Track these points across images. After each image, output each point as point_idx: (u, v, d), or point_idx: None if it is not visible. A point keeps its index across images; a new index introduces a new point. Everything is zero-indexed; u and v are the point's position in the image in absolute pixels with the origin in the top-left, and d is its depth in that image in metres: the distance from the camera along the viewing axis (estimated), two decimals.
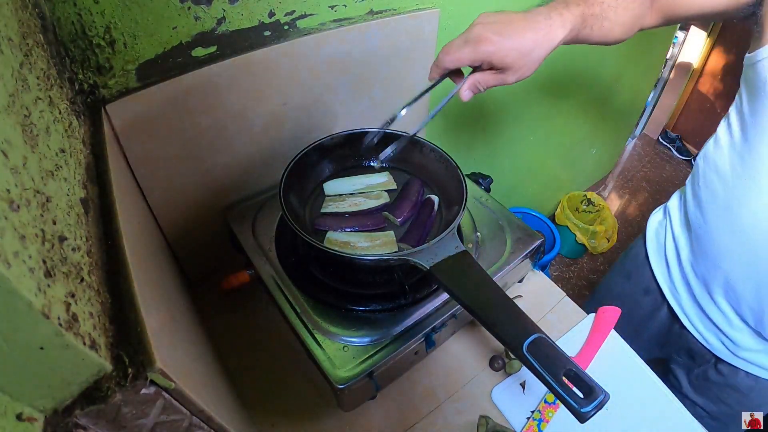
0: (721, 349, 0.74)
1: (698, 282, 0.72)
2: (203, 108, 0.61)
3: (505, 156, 1.38)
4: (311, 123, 0.74)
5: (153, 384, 0.26)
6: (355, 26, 0.68)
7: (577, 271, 1.98)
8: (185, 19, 0.55)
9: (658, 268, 0.81)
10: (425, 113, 0.89)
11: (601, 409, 0.38)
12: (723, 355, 0.74)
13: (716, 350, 0.75)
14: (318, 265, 0.63)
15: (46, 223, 0.25)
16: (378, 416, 0.66)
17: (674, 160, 2.60)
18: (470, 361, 0.72)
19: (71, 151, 0.37)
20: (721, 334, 0.72)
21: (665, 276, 0.80)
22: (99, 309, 0.28)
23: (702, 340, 0.76)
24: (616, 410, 0.66)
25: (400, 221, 0.64)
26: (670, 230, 0.78)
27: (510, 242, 0.68)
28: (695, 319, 0.76)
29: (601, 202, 1.96)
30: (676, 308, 0.79)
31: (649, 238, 0.84)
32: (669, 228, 0.79)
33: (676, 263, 0.77)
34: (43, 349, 0.21)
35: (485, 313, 0.45)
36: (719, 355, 0.74)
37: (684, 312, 0.78)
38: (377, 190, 0.68)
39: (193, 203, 0.70)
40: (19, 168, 0.24)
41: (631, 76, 1.64)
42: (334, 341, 0.55)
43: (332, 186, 0.68)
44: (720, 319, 0.71)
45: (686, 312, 0.77)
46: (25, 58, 0.32)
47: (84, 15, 0.48)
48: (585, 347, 0.73)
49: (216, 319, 0.74)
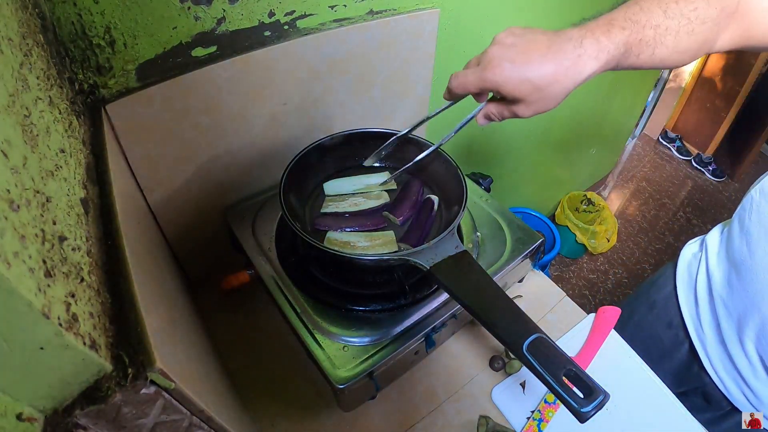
0: (741, 399, 0.70)
1: (730, 323, 0.68)
2: (203, 108, 0.61)
3: (505, 156, 1.38)
4: (311, 123, 0.74)
5: (153, 384, 0.26)
6: (355, 26, 0.68)
7: (577, 271, 1.98)
8: (185, 19, 0.55)
9: (685, 304, 0.76)
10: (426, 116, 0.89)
11: (601, 409, 0.38)
12: (741, 405, 0.70)
13: (735, 400, 0.71)
14: (318, 265, 0.63)
15: (46, 223, 0.25)
16: (378, 416, 0.66)
17: (674, 160, 2.60)
18: (470, 361, 0.72)
19: (71, 151, 0.37)
20: (743, 383, 0.68)
21: (692, 312, 0.75)
22: (99, 309, 0.28)
23: (721, 386, 0.72)
24: (616, 410, 0.66)
25: (400, 221, 0.64)
26: (704, 264, 0.73)
27: (510, 242, 0.68)
28: (717, 362, 0.72)
29: (601, 202, 1.96)
30: (698, 347, 0.74)
31: (680, 270, 0.79)
32: (705, 261, 0.73)
33: (707, 300, 0.72)
34: (43, 349, 0.21)
35: (485, 313, 0.45)
36: (737, 405, 0.71)
37: (707, 353, 0.73)
38: (377, 190, 0.68)
39: (193, 203, 0.70)
40: (19, 168, 0.24)
41: (631, 76, 1.64)
42: (334, 341, 0.55)
43: (332, 186, 0.68)
44: (745, 366, 0.67)
45: (709, 353, 0.73)
46: (25, 58, 0.32)
47: (84, 15, 0.48)
48: (585, 347, 0.73)
49: (216, 319, 0.74)
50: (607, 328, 0.75)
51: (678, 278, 0.78)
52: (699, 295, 0.73)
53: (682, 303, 0.77)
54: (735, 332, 0.67)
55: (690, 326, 0.75)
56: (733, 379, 0.70)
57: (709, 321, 0.72)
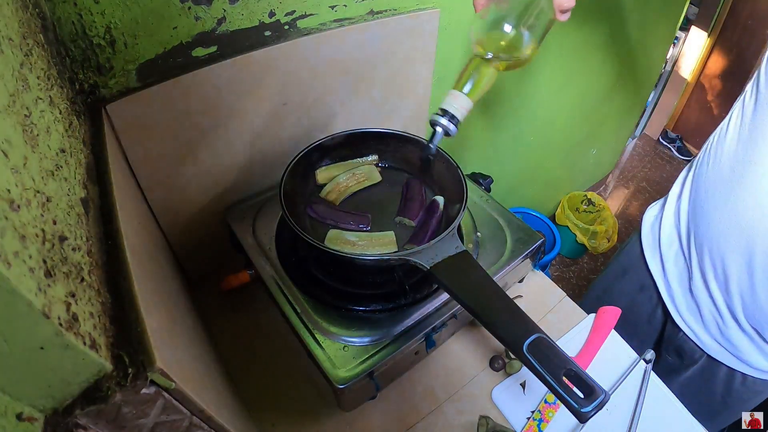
0: (714, 347, 0.73)
1: (696, 270, 0.71)
2: (203, 108, 0.61)
3: (506, 156, 1.38)
4: (311, 123, 0.74)
5: (153, 384, 0.26)
6: (355, 26, 0.68)
7: (578, 271, 1.98)
8: (185, 19, 0.55)
9: (652, 261, 0.81)
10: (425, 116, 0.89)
11: (601, 409, 0.38)
12: (715, 353, 0.73)
13: (708, 348, 0.74)
14: (318, 265, 0.63)
15: (46, 223, 0.25)
16: (378, 416, 0.66)
17: (674, 160, 2.60)
18: (470, 361, 0.72)
19: (71, 151, 0.37)
20: (717, 330, 0.72)
21: (659, 270, 0.79)
22: (99, 309, 0.28)
23: (694, 338, 0.76)
24: (616, 410, 0.66)
25: (416, 222, 0.64)
26: (671, 220, 0.77)
27: (510, 242, 0.68)
28: (687, 314, 0.76)
29: (602, 202, 1.97)
30: (668, 304, 0.78)
31: (644, 232, 0.84)
32: (670, 218, 0.78)
33: (672, 254, 0.76)
34: (43, 349, 0.21)
35: (485, 313, 0.45)
36: (712, 354, 0.74)
37: (676, 307, 0.77)
38: (366, 166, 0.70)
39: (193, 203, 0.70)
40: (20, 168, 0.24)
41: (631, 76, 1.64)
42: (335, 341, 0.55)
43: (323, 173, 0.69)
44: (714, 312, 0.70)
45: (678, 307, 0.77)
46: (26, 58, 0.32)
47: (84, 15, 0.48)
48: (585, 347, 0.73)
49: (216, 319, 0.74)
50: (607, 328, 0.75)
51: (643, 241, 0.83)
52: (664, 252, 0.77)
53: (650, 263, 0.81)
54: (700, 276, 0.70)
55: (660, 284, 0.79)
56: (704, 328, 0.74)
57: (676, 275, 0.76)
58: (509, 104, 1.20)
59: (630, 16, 1.35)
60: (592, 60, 1.36)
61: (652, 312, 0.83)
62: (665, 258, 0.78)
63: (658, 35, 1.64)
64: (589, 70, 1.39)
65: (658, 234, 0.79)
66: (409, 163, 0.71)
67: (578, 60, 1.31)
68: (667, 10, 1.58)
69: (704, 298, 0.71)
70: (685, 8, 1.73)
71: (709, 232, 0.67)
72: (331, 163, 0.70)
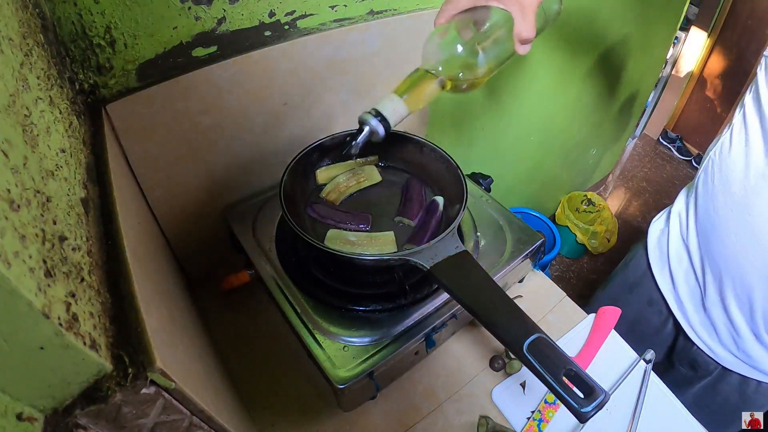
0: (730, 359, 0.72)
1: (712, 287, 0.70)
2: (203, 108, 0.61)
3: (506, 156, 1.38)
4: (311, 123, 0.74)
5: (153, 384, 0.26)
6: (355, 26, 0.68)
7: (578, 271, 1.98)
8: (185, 19, 0.55)
9: (660, 278, 0.79)
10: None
11: (601, 409, 0.38)
12: (731, 365, 0.72)
13: (723, 360, 0.73)
14: (318, 265, 0.63)
15: (46, 223, 0.25)
16: (378, 416, 0.66)
17: (675, 160, 2.60)
18: (470, 361, 0.72)
19: (71, 151, 0.37)
20: (733, 344, 0.70)
21: (669, 286, 0.78)
22: (99, 309, 0.28)
23: (708, 351, 0.74)
24: (616, 410, 0.66)
25: (415, 222, 0.64)
26: (678, 237, 0.76)
27: (510, 242, 0.68)
28: (701, 329, 0.74)
29: (602, 202, 1.96)
30: (680, 319, 0.77)
31: (650, 247, 0.82)
32: (678, 231, 0.76)
33: (682, 271, 0.74)
34: (43, 349, 0.21)
35: (485, 313, 0.45)
36: (727, 366, 0.73)
37: (689, 322, 0.76)
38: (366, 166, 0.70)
39: (193, 203, 0.70)
40: (20, 168, 0.24)
41: (631, 76, 1.64)
42: (335, 341, 0.55)
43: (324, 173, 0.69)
44: (729, 327, 0.69)
45: (691, 322, 0.75)
46: (26, 58, 0.32)
47: (84, 15, 0.48)
48: (585, 347, 0.73)
49: (216, 319, 0.74)
50: (607, 328, 0.75)
51: (650, 255, 0.81)
52: (673, 268, 0.76)
53: (658, 278, 0.79)
54: (717, 295, 0.69)
55: (670, 299, 0.78)
56: (718, 342, 0.72)
57: (687, 291, 0.74)
58: (509, 104, 1.20)
59: (630, 16, 1.35)
60: (591, 60, 1.36)
61: (662, 325, 0.82)
62: (675, 274, 0.76)
63: (658, 35, 1.64)
64: (589, 70, 1.39)
65: (666, 249, 0.78)
66: (409, 163, 0.71)
67: (578, 60, 1.31)
68: (667, 10, 1.58)
69: (719, 315, 0.70)
70: (685, 8, 1.73)
71: (725, 250, 0.65)
72: (331, 163, 0.70)
